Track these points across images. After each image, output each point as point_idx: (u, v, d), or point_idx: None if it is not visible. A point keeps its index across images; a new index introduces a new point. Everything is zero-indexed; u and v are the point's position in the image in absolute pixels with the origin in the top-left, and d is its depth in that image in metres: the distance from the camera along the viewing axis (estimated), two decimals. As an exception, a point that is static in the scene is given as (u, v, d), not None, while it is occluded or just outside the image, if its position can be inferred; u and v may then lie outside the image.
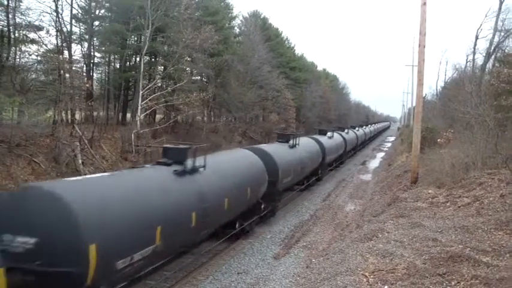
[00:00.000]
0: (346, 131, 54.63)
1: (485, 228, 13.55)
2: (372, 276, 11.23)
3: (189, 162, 14.19)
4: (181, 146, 15.53)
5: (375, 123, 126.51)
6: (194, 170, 14.29)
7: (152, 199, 11.64)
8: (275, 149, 24.20)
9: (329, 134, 41.70)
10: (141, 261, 10.80)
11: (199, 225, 13.73)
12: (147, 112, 40.57)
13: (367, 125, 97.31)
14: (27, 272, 8.07)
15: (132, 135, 34.57)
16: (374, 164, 53.59)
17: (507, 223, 13.53)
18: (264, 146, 24.89)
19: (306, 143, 31.18)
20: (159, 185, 12.56)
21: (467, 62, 47.38)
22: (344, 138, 48.48)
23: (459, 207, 16.82)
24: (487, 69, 36.94)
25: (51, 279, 8.47)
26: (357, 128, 69.74)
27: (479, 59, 43.89)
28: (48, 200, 9.02)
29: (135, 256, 10.44)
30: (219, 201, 15.35)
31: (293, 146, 27.41)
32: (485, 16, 51.10)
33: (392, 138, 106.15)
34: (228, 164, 18.00)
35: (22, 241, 8.55)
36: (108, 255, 9.35)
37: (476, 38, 42.85)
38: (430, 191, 20.54)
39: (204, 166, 14.74)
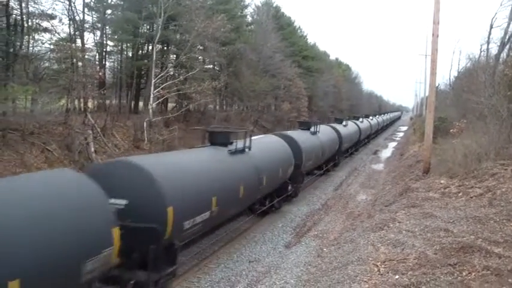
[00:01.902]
0: (360, 120, 56.86)
1: (497, 219, 13.50)
2: (382, 266, 11.25)
3: (239, 144, 16.83)
4: (229, 130, 18.62)
5: (386, 113, 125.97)
6: (243, 150, 16.95)
7: (210, 173, 14.08)
8: (299, 135, 26.06)
9: (344, 122, 43.73)
10: (200, 224, 13.01)
11: (245, 197, 16.12)
12: (159, 100, 40.63)
13: (379, 115, 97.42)
14: (122, 227, 9.65)
15: (145, 123, 34.68)
16: (386, 153, 53.49)
17: (519, 214, 13.48)
18: (290, 133, 26.72)
19: (324, 131, 33.24)
20: (215, 161, 15.21)
21: (481, 52, 46.81)
22: (359, 127, 50.31)
23: (471, 197, 16.75)
24: (501, 59, 36.51)
25: (140, 233, 10.35)
26: (370, 117, 71.40)
27: (494, 49, 43.48)
28: (137, 171, 11.20)
29: (197, 219, 12.65)
30: (260, 177, 17.61)
31: (314, 133, 29.50)
32: (500, 5, 50.54)
33: (404, 128, 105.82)
34: (264, 147, 19.99)
35: (117, 203, 10.24)
36: (179, 216, 11.50)
37: (491, 27, 42.36)
38: (442, 181, 20.46)
39: (249, 147, 17.43)
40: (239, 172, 15.92)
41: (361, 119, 57.78)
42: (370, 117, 71.55)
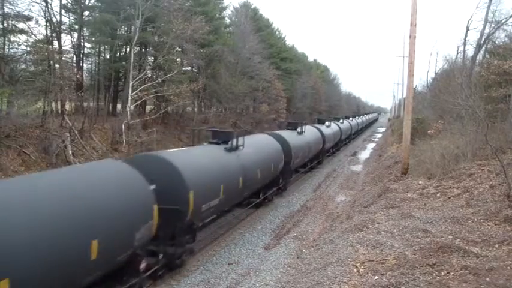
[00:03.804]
0: (341, 121, 59.02)
1: (475, 219, 13.63)
2: (362, 267, 11.26)
3: (233, 142, 18.80)
4: (227, 130, 22.30)
5: (363, 115, 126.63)
6: (237, 148, 18.88)
7: (218, 165, 16.58)
8: (288, 135, 28.28)
9: (327, 123, 45.83)
10: (213, 208, 15.66)
11: (244, 187, 18.60)
12: (138, 103, 40.51)
13: (358, 116, 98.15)
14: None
15: (123, 126, 34.47)
16: (365, 155, 53.72)
17: (496, 214, 13.61)
18: (280, 132, 29.05)
19: (309, 131, 35.27)
20: (217, 157, 17.37)
21: (457, 54, 47.34)
22: (340, 128, 52.49)
23: (449, 198, 16.91)
24: (477, 61, 36.92)
25: (168, 213, 12.55)
26: (350, 119, 73.66)
27: (470, 51, 43.92)
28: (164, 163, 13.64)
29: (211, 203, 15.21)
30: (255, 171, 19.93)
31: (301, 133, 31.74)
32: (476, 7, 51.23)
33: (382, 129, 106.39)
34: (257, 144, 22.15)
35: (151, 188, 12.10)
36: (198, 200, 13.96)
37: (467, 29, 42.77)
38: (420, 182, 20.62)
39: (243, 145, 19.21)
40: (236, 166, 18.04)
41: (341, 120, 59.70)
42: (350, 119, 73.79)
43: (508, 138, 21.02)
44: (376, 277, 10.36)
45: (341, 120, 59.50)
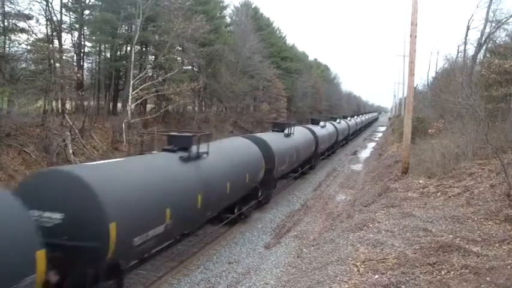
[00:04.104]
0: (338, 120, 56.06)
1: (475, 218, 13.63)
2: (362, 266, 11.26)
3: (193, 149, 15.32)
4: (186, 134, 16.76)
5: (362, 114, 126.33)
6: (198, 156, 15.39)
7: (161, 183, 12.75)
8: (271, 138, 24.70)
9: (322, 123, 42.59)
10: (154, 239, 12.10)
11: (205, 207, 14.95)
12: (138, 102, 40.46)
13: (358, 115, 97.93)
14: (56, 246, 8.94)
15: (123, 125, 34.46)
16: (365, 154, 53.73)
17: (497, 213, 13.61)
18: (261, 135, 25.44)
19: (300, 132, 31.91)
20: (166, 170, 13.77)
21: (458, 53, 47.39)
22: (336, 128, 49.41)
23: (449, 197, 16.90)
24: (478, 60, 36.92)
25: (77, 252, 9.56)
26: (348, 118, 71.56)
27: (471, 50, 43.98)
28: (73, 182, 10.07)
29: (150, 233, 11.66)
30: (222, 185, 16.50)
31: (288, 135, 28.16)
32: (477, 7, 51.24)
33: (383, 129, 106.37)
34: (229, 151, 19.05)
35: (52, 217, 9.69)
36: (126, 232, 10.45)
37: (468, 28, 42.79)
38: (420, 181, 20.61)
39: (207, 153, 15.84)
40: (194, 180, 14.57)
41: (338, 120, 57.04)
42: (348, 118, 71.44)
43: (509, 137, 21.00)
44: (377, 276, 10.36)
45: (338, 120, 56.69)
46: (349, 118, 72.63)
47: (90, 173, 10.82)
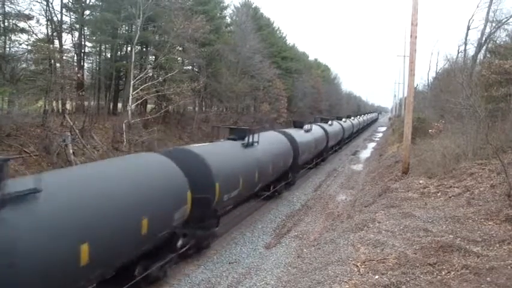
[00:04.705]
0: (344, 120, 61.01)
1: (476, 219, 13.64)
2: (363, 266, 11.28)
3: (249, 138, 20.41)
4: (243, 127, 24.57)
5: (362, 114, 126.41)
6: (252, 144, 20.50)
7: (236, 161, 18.14)
8: (295, 133, 30.02)
9: (330, 122, 47.57)
10: (232, 199, 17.61)
11: (259, 180, 20.36)
12: (138, 102, 40.47)
13: (359, 115, 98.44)
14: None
15: (123, 125, 34.47)
16: (365, 154, 53.69)
17: (497, 213, 13.62)
18: (288, 130, 30.45)
19: (315, 129, 36.77)
20: (236, 152, 19.05)
21: (458, 53, 47.45)
22: (342, 127, 54.38)
23: (450, 197, 16.91)
24: (478, 60, 36.99)
25: (199, 200, 14.32)
26: (352, 118, 75.06)
27: (471, 50, 44.03)
28: (196, 157, 15.31)
29: (232, 194, 16.97)
30: (268, 166, 21.72)
31: (307, 131, 33.75)
32: (477, 7, 51.28)
33: (383, 129, 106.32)
34: (269, 141, 23.82)
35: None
36: (222, 190, 15.70)
37: (468, 28, 42.90)
38: (421, 182, 20.62)
39: (257, 142, 20.89)
40: (252, 161, 19.72)
41: (344, 119, 61.39)
42: (352, 118, 75.00)
43: (509, 137, 20.99)
44: (377, 276, 10.37)
45: (343, 119, 61.10)
46: (352, 118, 75.30)
47: (204, 151, 16.00)
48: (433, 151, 23.47)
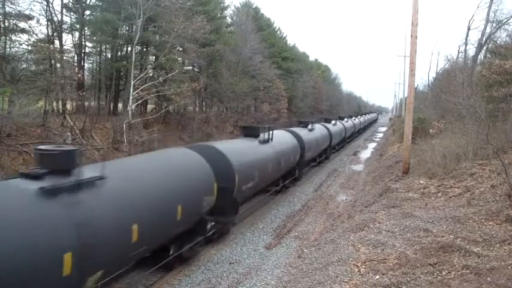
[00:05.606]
0: (345, 120, 63.28)
1: (476, 219, 13.62)
2: (363, 266, 11.27)
3: (263, 136, 23.02)
4: (257, 126, 27.73)
5: (363, 115, 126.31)
6: (267, 141, 23.18)
7: (253, 155, 20.28)
8: (301, 131, 32.02)
9: (333, 122, 49.89)
10: (249, 189, 19.45)
11: (273, 172, 23.04)
12: (139, 102, 40.48)
13: (360, 116, 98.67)
14: None
15: (124, 125, 34.47)
16: (366, 154, 53.68)
17: (498, 213, 13.59)
18: (294, 129, 32.36)
19: (318, 128, 38.98)
20: (253, 148, 21.32)
21: (459, 53, 47.54)
22: (344, 126, 56.91)
23: (450, 197, 16.90)
24: (478, 60, 37.01)
25: (221, 190, 16.09)
26: (353, 118, 77.30)
27: (471, 50, 44.06)
28: (219, 153, 17.28)
29: (249, 185, 18.95)
30: (279, 161, 23.79)
31: (311, 130, 35.49)
32: (477, 7, 51.26)
33: (383, 129, 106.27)
34: (280, 138, 25.82)
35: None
36: (240, 181, 17.62)
37: (468, 29, 42.94)
38: (421, 182, 20.60)
39: (271, 139, 23.54)
40: (268, 155, 22.03)
41: (345, 119, 63.95)
42: (353, 118, 77.09)
43: (509, 137, 20.96)
44: (377, 277, 10.37)
45: (345, 119, 63.06)
46: (353, 118, 77.48)
47: (225, 147, 18.06)
48: (434, 151, 23.44)
